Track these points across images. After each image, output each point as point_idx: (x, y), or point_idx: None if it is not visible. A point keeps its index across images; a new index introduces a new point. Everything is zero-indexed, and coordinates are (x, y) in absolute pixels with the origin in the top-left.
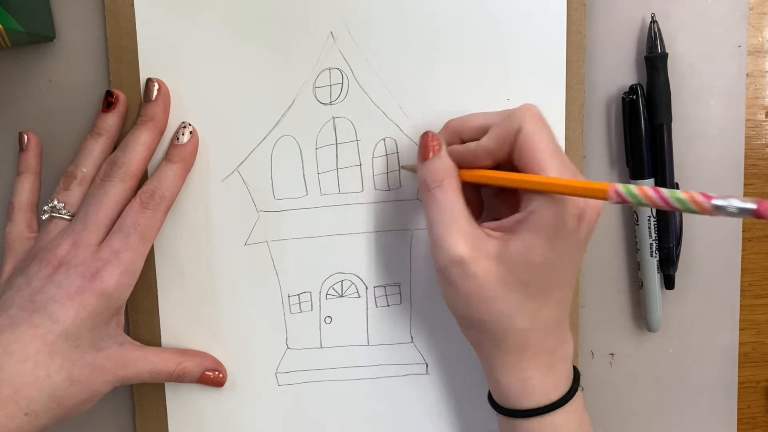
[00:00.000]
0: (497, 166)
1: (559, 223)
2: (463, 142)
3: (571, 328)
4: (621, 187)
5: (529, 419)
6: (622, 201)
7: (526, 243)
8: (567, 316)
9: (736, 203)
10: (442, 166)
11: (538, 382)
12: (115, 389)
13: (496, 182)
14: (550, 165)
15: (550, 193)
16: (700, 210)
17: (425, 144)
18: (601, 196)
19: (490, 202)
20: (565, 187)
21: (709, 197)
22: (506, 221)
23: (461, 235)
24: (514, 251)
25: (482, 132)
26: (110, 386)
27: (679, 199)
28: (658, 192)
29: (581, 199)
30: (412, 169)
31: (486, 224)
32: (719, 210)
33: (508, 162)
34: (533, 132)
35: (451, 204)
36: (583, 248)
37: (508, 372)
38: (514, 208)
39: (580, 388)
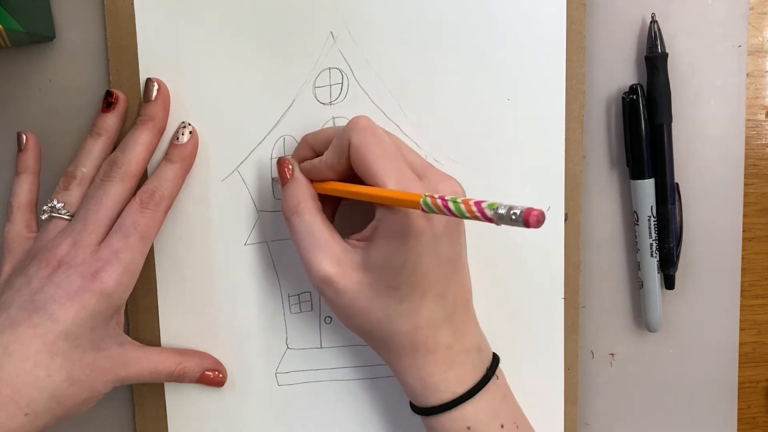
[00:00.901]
0: (354, 176)
1: (405, 226)
2: (318, 155)
3: (571, 328)
4: (425, 199)
5: (438, 416)
6: (431, 210)
7: (382, 249)
8: (459, 310)
9: (502, 210)
10: (295, 191)
11: (439, 379)
12: (115, 389)
13: (336, 191)
14: (384, 173)
15: (378, 201)
16: (472, 216)
17: (281, 170)
18: (414, 205)
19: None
20: (382, 198)
21: (479, 203)
22: (365, 231)
23: (324, 255)
24: (374, 259)
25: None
26: (110, 386)
27: (454, 201)
28: (442, 200)
29: (427, 192)
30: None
31: (351, 237)
32: (500, 219)
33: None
34: (362, 144)
35: (308, 227)
36: (446, 241)
37: (408, 373)
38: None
39: (494, 377)
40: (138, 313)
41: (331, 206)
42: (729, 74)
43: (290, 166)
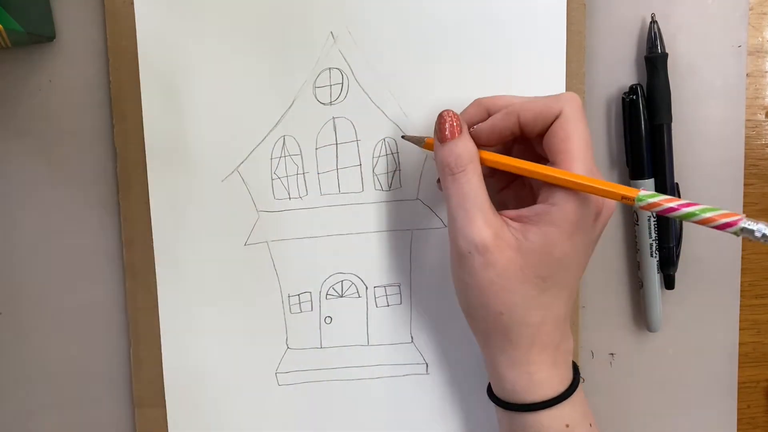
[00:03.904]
0: (508, 149)
1: (580, 219)
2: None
3: (571, 328)
4: (643, 194)
5: (539, 412)
6: (648, 207)
7: (548, 236)
8: (570, 312)
9: (764, 229)
10: (467, 150)
11: (545, 376)
12: (115, 389)
13: (518, 169)
14: (582, 157)
15: (575, 188)
16: (722, 224)
17: (444, 124)
18: (629, 201)
19: (498, 197)
20: (595, 189)
21: (738, 218)
22: (526, 211)
23: (485, 222)
24: (534, 243)
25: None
26: None
27: (702, 209)
28: (683, 202)
29: (601, 198)
30: (416, 141)
31: (504, 212)
32: (744, 232)
33: (529, 143)
34: (573, 119)
35: (476, 190)
36: (593, 247)
37: (514, 366)
38: (527, 198)
39: (581, 380)
40: (138, 313)
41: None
42: (729, 74)
43: (458, 122)
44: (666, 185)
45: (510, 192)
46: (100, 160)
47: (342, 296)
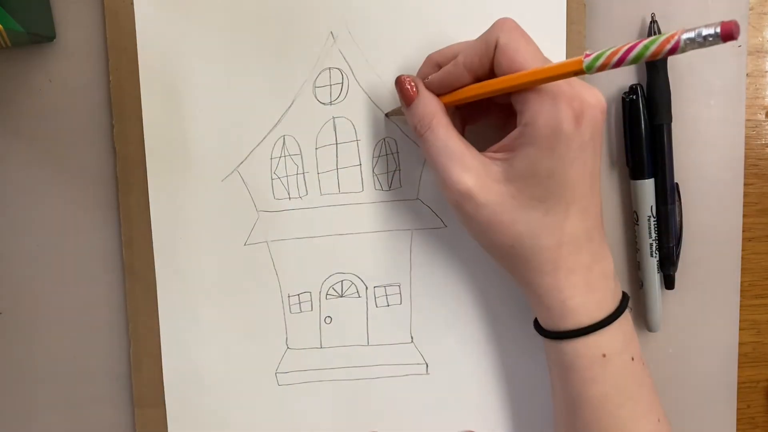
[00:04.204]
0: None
1: (556, 128)
2: None
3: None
4: (591, 55)
5: (574, 340)
6: (599, 68)
7: (529, 156)
8: (597, 230)
9: (703, 31)
10: (426, 107)
11: (579, 302)
12: (115, 389)
13: (474, 94)
14: (531, 65)
15: (529, 87)
16: (669, 49)
17: (402, 88)
18: (577, 68)
19: (500, 138)
20: (540, 74)
21: (675, 34)
22: (506, 140)
23: (463, 169)
24: (519, 168)
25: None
26: None
27: (645, 46)
28: (627, 47)
29: (575, 98)
30: (398, 113)
31: (487, 150)
32: (689, 43)
33: (490, 77)
34: (510, 41)
35: (444, 142)
36: (591, 151)
37: (547, 295)
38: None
39: (628, 309)
40: (138, 314)
41: (459, 127)
42: (729, 74)
43: (413, 83)
44: (666, 185)
45: (509, 131)
46: (100, 160)
47: (342, 296)
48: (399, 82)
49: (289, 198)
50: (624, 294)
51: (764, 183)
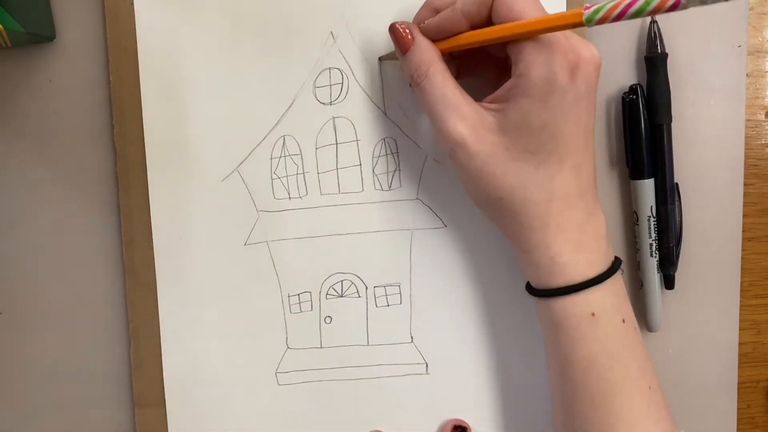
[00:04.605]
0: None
1: (550, 80)
2: None
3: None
4: (591, 7)
5: (562, 297)
6: (598, 21)
7: (522, 107)
8: (590, 188)
9: None
10: (422, 55)
11: (568, 259)
12: (115, 389)
13: (470, 41)
14: (529, 16)
15: (526, 36)
16: (671, 5)
17: (398, 36)
18: (577, 20)
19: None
20: (538, 24)
21: None
22: (500, 91)
23: (458, 117)
24: (512, 119)
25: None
26: None
27: (646, 1)
28: (628, 1)
29: (570, 51)
30: (391, 57)
31: (483, 100)
32: (691, 0)
33: (487, 25)
34: None
35: (441, 90)
36: (586, 106)
37: (536, 250)
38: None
39: (620, 271)
40: (138, 314)
41: (454, 75)
42: (729, 74)
43: (407, 29)
44: (666, 185)
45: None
46: (100, 160)
47: (342, 296)
48: (393, 29)
49: (290, 198)
50: (616, 257)
51: (764, 183)
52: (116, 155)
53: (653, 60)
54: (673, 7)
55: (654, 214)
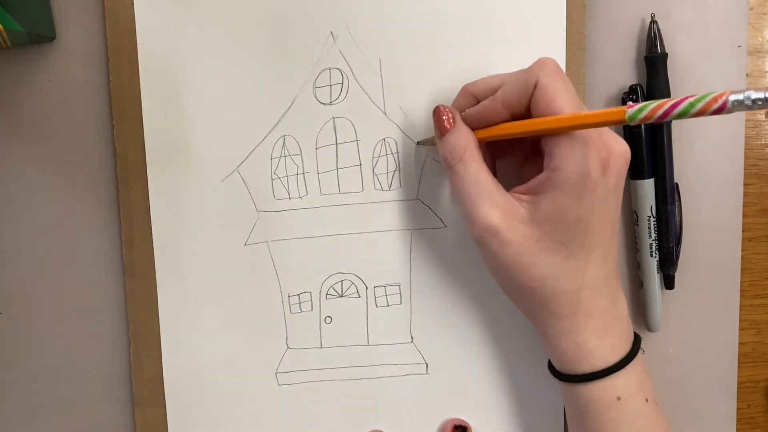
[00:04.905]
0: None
1: (584, 175)
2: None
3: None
4: (634, 106)
5: (589, 383)
6: (641, 120)
7: (556, 201)
8: (614, 275)
9: (752, 94)
10: (460, 139)
11: (594, 345)
12: (115, 389)
13: (510, 132)
14: (567, 111)
15: (566, 131)
16: (715, 109)
17: (439, 118)
18: (620, 117)
19: (520, 174)
20: (581, 119)
21: (723, 94)
22: (532, 183)
23: (491, 204)
24: (545, 212)
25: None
26: None
27: (691, 104)
28: (672, 102)
29: (603, 147)
30: (430, 143)
31: (513, 190)
32: (737, 105)
33: (526, 115)
34: (550, 82)
35: (475, 176)
36: (614, 199)
37: (563, 337)
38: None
39: (641, 351)
40: (138, 313)
41: (489, 164)
42: (729, 74)
43: (450, 114)
44: (666, 185)
45: (530, 169)
46: (100, 160)
47: (342, 296)
48: (437, 112)
49: (290, 198)
50: (636, 335)
51: (764, 183)
52: (116, 155)
53: (653, 60)
54: (717, 111)
55: (654, 214)
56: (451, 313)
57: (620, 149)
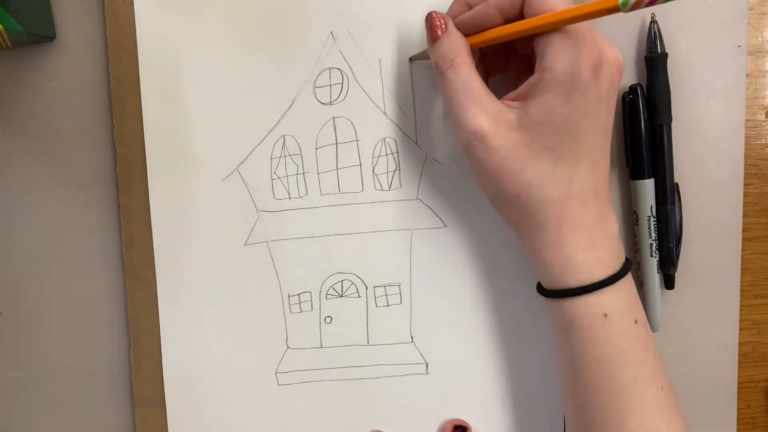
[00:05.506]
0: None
1: (574, 76)
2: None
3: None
4: None
5: (575, 299)
6: (633, 6)
7: (544, 104)
8: (604, 188)
9: None
10: (451, 44)
11: (581, 259)
12: (115, 389)
13: (502, 35)
14: (561, 8)
15: (559, 26)
16: None
17: (431, 25)
18: (612, 4)
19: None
20: (573, 12)
21: None
22: (522, 87)
23: (479, 110)
24: (533, 115)
25: None
26: None
27: None
28: None
29: (594, 49)
30: (422, 56)
31: (504, 97)
32: None
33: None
34: None
35: (465, 81)
36: (606, 106)
37: (549, 249)
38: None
39: (630, 273)
40: (138, 313)
41: (482, 76)
42: (729, 74)
43: (443, 20)
44: (666, 185)
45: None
46: (100, 160)
47: (342, 296)
48: (429, 19)
49: (290, 198)
50: (627, 258)
51: (764, 183)
52: (116, 155)
53: (653, 60)
54: None
55: (654, 214)
56: (451, 313)
57: (614, 55)
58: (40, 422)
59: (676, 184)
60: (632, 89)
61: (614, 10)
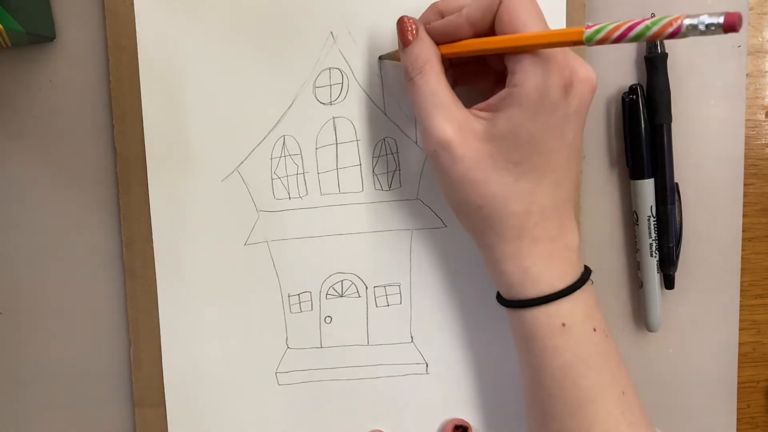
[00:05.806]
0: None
1: (543, 94)
2: None
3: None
4: (592, 27)
5: (534, 309)
6: (598, 42)
7: (512, 119)
8: (567, 204)
9: (706, 19)
10: (421, 51)
11: (540, 270)
12: (115, 389)
13: (472, 49)
14: (532, 27)
15: (526, 50)
16: (670, 32)
17: (403, 29)
18: (577, 38)
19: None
20: (539, 38)
21: (678, 18)
22: (492, 99)
23: (446, 118)
24: (500, 128)
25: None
26: None
27: (647, 26)
28: (629, 24)
29: (566, 68)
30: (392, 57)
31: (474, 107)
32: (690, 30)
33: (490, 35)
34: (514, 1)
35: (433, 88)
36: (574, 125)
37: (508, 260)
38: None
39: (590, 282)
40: (138, 313)
41: (450, 84)
42: (729, 74)
43: (414, 25)
44: (666, 185)
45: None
46: (100, 160)
47: (342, 296)
48: (401, 23)
49: (290, 198)
50: (586, 267)
51: (764, 183)
52: (116, 155)
53: (653, 60)
54: (672, 35)
55: (654, 214)
56: (452, 313)
57: (586, 75)
58: (40, 422)
59: (676, 184)
60: (632, 89)
61: (579, 42)
